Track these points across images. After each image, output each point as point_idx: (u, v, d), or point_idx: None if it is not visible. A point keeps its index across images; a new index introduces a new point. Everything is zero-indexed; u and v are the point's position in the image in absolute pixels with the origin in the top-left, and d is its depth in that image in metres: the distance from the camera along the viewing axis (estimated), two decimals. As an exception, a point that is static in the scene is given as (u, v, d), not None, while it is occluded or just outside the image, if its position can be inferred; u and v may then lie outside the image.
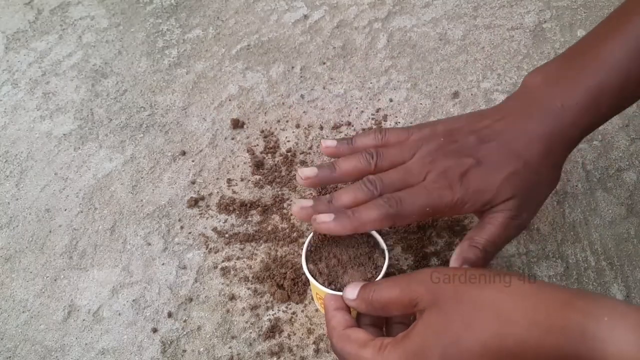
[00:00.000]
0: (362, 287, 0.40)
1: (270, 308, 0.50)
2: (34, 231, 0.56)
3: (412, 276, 0.38)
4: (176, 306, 0.51)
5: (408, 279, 0.38)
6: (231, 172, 0.60)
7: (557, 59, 0.47)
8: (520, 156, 0.43)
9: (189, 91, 0.67)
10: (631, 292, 0.51)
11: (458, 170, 0.42)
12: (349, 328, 0.39)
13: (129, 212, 0.57)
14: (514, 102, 0.46)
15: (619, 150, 0.60)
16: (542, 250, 0.53)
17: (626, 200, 0.56)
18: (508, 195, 0.42)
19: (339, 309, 0.41)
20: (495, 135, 0.44)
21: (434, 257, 0.53)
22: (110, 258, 0.54)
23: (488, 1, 0.75)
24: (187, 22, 0.74)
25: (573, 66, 0.44)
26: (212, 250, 0.54)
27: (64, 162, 0.61)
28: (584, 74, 0.43)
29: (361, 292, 0.40)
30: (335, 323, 0.40)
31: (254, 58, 0.70)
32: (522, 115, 0.44)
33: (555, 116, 0.43)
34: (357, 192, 0.44)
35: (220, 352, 0.48)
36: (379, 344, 0.36)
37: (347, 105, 0.65)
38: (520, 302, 0.33)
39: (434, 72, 0.68)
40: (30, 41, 0.73)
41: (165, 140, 0.63)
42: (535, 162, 0.43)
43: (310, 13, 0.74)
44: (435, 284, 0.36)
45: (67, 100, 0.66)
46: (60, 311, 0.51)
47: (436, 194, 0.42)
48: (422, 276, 0.37)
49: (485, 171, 0.42)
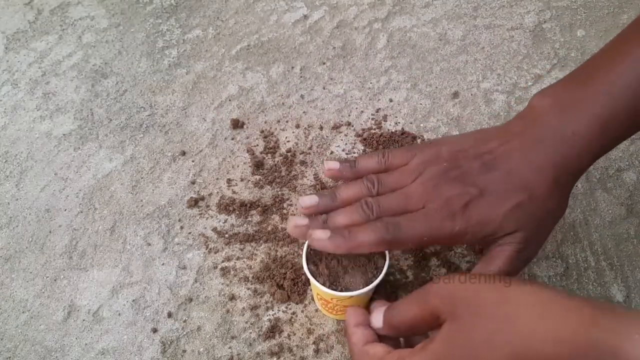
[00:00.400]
0: (385, 312, 0.39)
1: (270, 308, 0.50)
2: (34, 231, 0.56)
3: (426, 290, 0.37)
4: (176, 306, 0.51)
5: (424, 294, 0.37)
6: (231, 172, 0.60)
7: (564, 81, 0.45)
8: (526, 187, 0.41)
9: (189, 91, 0.67)
10: (631, 292, 0.51)
11: (461, 201, 0.41)
12: (368, 344, 0.39)
13: (129, 212, 0.57)
14: (522, 124, 0.44)
15: (619, 150, 0.60)
16: (542, 250, 0.53)
17: (626, 201, 0.56)
18: (512, 228, 0.40)
19: (358, 325, 0.40)
20: (500, 163, 0.42)
21: (434, 257, 0.53)
22: (110, 258, 0.54)
23: (488, 1, 0.75)
24: (187, 22, 0.74)
25: (582, 90, 0.42)
26: (212, 251, 0.54)
27: (64, 162, 0.61)
28: (594, 100, 0.41)
29: (385, 318, 0.39)
30: (356, 340, 0.39)
31: (254, 58, 0.70)
32: (530, 141, 0.42)
33: (566, 144, 0.41)
34: (354, 214, 0.43)
35: (220, 352, 0.48)
36: (396, 357, 0.36)
37: (347, 105, 0.65)
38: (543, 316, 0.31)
39: (433, 72, 0.68)
40: (30, 41, 0.73)
41: (165, 141, 0.63)
42: (542, 194, 0.41)
43: (310, 13, 0.74)
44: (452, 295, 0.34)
45: (67, 101, 0.66)
46: (60, 311, 0.51)
47: (436, 223, 0.41)
48: (437, 289, 0.36)
49: (488, 202, 0.41)
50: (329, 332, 0.49)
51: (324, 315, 0.50)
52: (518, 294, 0.33)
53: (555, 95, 0.43)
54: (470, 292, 0.34)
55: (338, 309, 0.46)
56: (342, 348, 0.48)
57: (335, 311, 0.47)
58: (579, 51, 0.69)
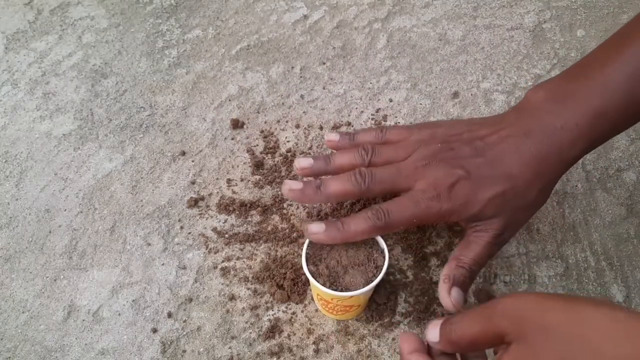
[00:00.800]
0: (442, 326, 0.38)
1: (270, 308, 0.50)
2: (33, 231, 0.56)
3: (491, 308, 0.36)
4: (176, 306, 0.51)
5: (488, 313, 0.36)
6: (231, 172, 0.60)
7: (560, 76, 0.46)
8: (510, 177, 0.43)
9: (189, 91, 0.67)
10: (631, 292, 0.51)
11: (447, 181, 0.43)
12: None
13: (128, 212, 0.57)
14: (515, 115, 0.46)
15: (619, 150, 0.60)
16: (542, 250, 0.53)
17: (626, 201, 0.56)
18: (493, 214, 0.43)
19: (413, 352, 0.39)
20: (489, 150, 0.44)
21: (434, 257, 0.53)
22: (110, 258, 0.54)
23: (488, 1, 0.75)
24: (187, 22, 0.74)
25: (576, 86, 0.44)
26: (212, 251, 0.54)
27: (63, 162, 0.61)
28: (586, 96, 0.43)
29: (443, 333, 0.38)
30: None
31: (254, 58, 0.70)
32: (520, 132, 0.44)
33: (554, 137, 0.43)
34: (346, 183, 0.45)
35: (220, 352, 0.48)
36: None
37: (347, 105, 0.65)
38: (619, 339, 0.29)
39: (433, 72, 0.68)
40: (30, 41, 0.73)
41: (165, 141, 0.63)
42: (524, 185, 0.43)
43: (310, 13, 0.74)
44: (520, 315, 0.33)
45: (67, 101, 0.66)
46: (60, 311, 0.51)
47: (424, 204, 0.43)
48: (503, 308, 0.35)
49: (473, 185, 0.43)
50: (329, 332, 0.49)
51: (324, 315, 0.50)
52: (592, 314, 0.31)
53: (550, 89, 0.45)
54: (539, 312, 0.33)
55: (339, 309, 0.46)
56: (342, 348, 0.48)
57: (336, 311, 0.47)
58: (579, 51, 0.69)
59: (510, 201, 0.43)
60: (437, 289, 0.48)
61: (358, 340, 0.49)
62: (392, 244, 0.54)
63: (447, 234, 0.54)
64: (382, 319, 0.50)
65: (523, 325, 0.33)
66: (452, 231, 0.54)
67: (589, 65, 0.45)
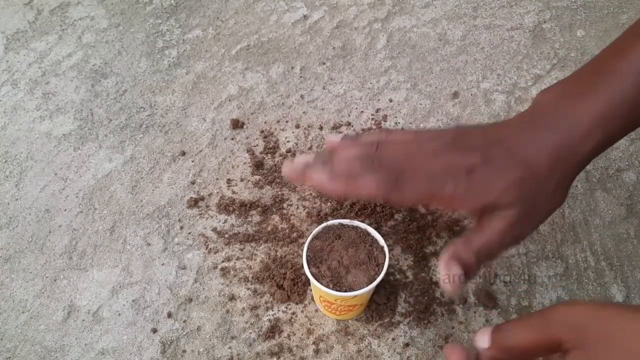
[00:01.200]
0: (493, 332, 0.37)
1: (270, 308, 0.50)
2: (33, 231, 0.56)
3: (548, 316, 0.35)
4: (176, 306, 0.51)
5: (545, 320, 0.35)
6: (231, 173, 0.60)
7: (567, 79, 0.46)
8: (528, 164, 0.41)
9: (189, 91, 0.67)
10: (631, 292, 0.51)
11: (464, 166, 0.40)
12: None
13: (128, 212, 0.57)
14: (524, 116, 0.45)
15: (619, 150, 0.60)
16: (541, 250, 0.53)
17: (626, 201, 0.56)
18: (510, 200, 0.41)
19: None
20: (504, 140, 0.42)
21: (434, 257, 0.53)
22: (110, 258, 0.54)
23: (488, 1, 0.75)
24: (187, 22, 0.74)
25: (585, 83, 0.43)
26: (212, 251, 0.54)
27: (63, 163, 0.61)
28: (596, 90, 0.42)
29: (494, 339, 0.37)
30: None
31: (254, 58, 0.70)
32: (532, 126, 0.43)
33: (567, 127, 0.42)
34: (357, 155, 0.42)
35: (220, 352, 0.48)
36: None
37: (347, 105, 0.65)
38: None
39: (433, 72, 0.68)
40: (30, 41, 0.73)
41: (165, 141, 0.63)
42: (542, 173, 0.41)
43: (310, 13, 0.74)
44: (579, 323, 0.33)
45: (67, 101, 0.66)
46: (60, 311, 0.51)
47: (439, 181, 0.40)
48: (561, 315, 0.34)
49: (491, 172, 0.41)
50: (329, 332, 0.49)
51: (324, 315, 0.50)
52: None
53: (557, 90, 0.45)
54: (600, 321, 0.32)
55: (342, 309, 0.46)
56: (341, 348, 0.48)
57: (339, 312, 0.47)
58: (578, 51, 0.69)
59: (529, 188, 0.41)
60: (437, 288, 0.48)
61: (358, 340, 0.49)
62: (392, 244, 0.54)
63: (446, 234, 0.54)
64: (382, 319, 0.50)
65: (583, 334, 0.32)
66: (451, 231, 0.54)
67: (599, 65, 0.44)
